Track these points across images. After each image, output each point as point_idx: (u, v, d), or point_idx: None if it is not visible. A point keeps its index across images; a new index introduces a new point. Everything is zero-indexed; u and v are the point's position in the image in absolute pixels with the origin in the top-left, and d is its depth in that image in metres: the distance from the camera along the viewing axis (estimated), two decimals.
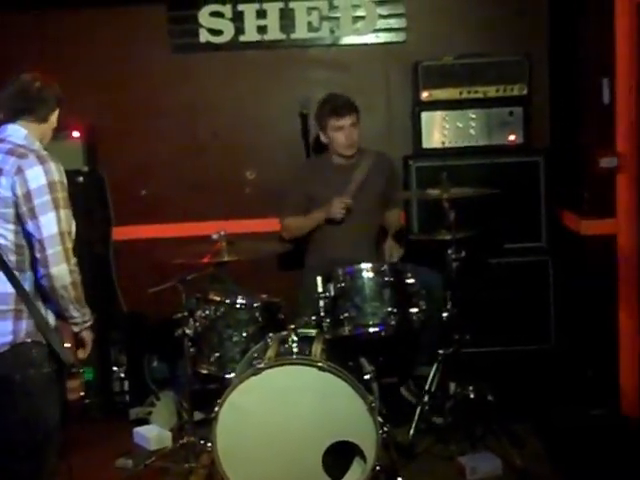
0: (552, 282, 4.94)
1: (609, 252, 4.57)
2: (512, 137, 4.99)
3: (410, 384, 4.55)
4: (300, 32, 5.24)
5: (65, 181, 3.05)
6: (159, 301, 4.24)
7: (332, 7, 5.23)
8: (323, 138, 4.74)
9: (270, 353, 3.68)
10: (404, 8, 5.24)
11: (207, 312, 4.08)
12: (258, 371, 3.56)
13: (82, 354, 3.21)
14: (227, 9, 5.22)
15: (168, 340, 4.22)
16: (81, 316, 3.11)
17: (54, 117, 3.23)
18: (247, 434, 3.59)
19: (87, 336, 3.19)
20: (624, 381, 4.58)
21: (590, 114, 4.60)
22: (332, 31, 5.25)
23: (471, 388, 4.16)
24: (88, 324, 3.17)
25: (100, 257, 5.18)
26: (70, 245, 3.02)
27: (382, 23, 5.25)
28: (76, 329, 3.13)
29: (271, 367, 3.58)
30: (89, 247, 4.88)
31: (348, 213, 4.60)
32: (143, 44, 5.27)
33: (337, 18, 5.24)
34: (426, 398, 4.22)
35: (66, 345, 3.10)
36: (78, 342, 3.17)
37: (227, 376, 3.97)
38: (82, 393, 3.19)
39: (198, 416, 4.37)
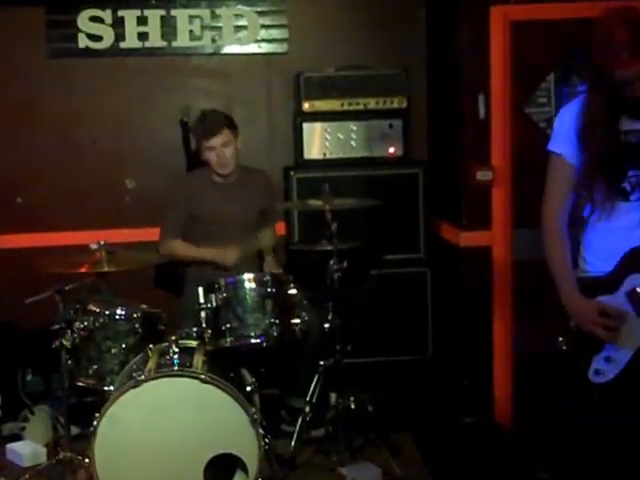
0: (430, 293, 5.03)
1: (484, 264, 4.68)
2: (392, 149, 5.06)
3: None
4: (182, 40, 5.19)
5: None
6: (35, 312, 4.12)
7: (214, 16, 5.20)
8: (202, 156, 4.62)
9: (150, 365, 3.63)
10: (286, 19, 5.26)
11: (85, 323, 3.98)
12: (138, 383, 3.50)
13: None
14: (107, 14, 5.13)
15: (44, 352, 4.10)
16: None
17: None
18: (127, 448, 3.52)
19: None
20: (498, 390, 4.70)
21: (466, 128, 4.70)
22: (214, 40, 5.22)
23: (352, 399, 4.19)
24: None
25: None
26: None
27: (264, 33, 5.26)
28: None
29: (151, 379, 3.53)
30: None
31: (239, 264, 4.52)
32: (20, 48, 5.13)
33: (219, 27, 5.21)
34: (307, 409, 4.23)
35: None
36: None
37: (106, 389, 3.89)
38: None
39: (75, 431, 4.25)
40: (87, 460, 3.66)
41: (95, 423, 3.49)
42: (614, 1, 3.44)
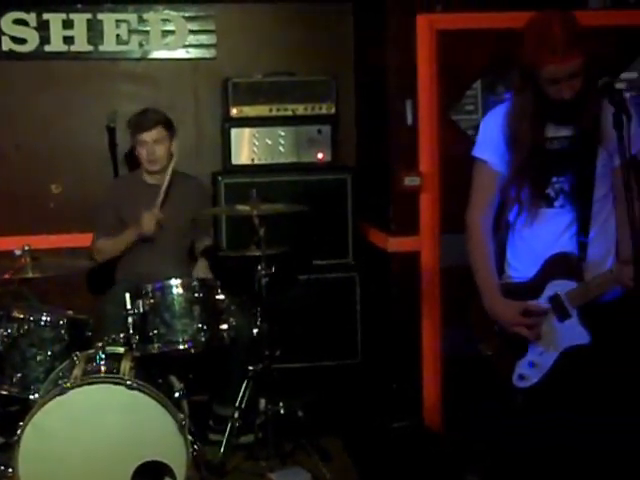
0: (359, 298, 5.05)
1: (413, 269, 4.70)
2: (320, 155, 5.08)
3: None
4: (108, 44, 5.12)
5: None
6: None
7: (141, 21, 5.15)
8: (136, 152, 4.65)
9: (76, 372, 3.58)
10: (214, 25, 5.23)
11: (9, 330, 3.89)
12: (64, 391, 3.45)
13: None
14: (32, 17, 5.03)
15: None
16: None
17: None
18: (52, 457, 3.46)
19: None
20: (427, 394, 4.73)
21: (394, 134, 4.72)
22: (141, 45, 5.17)
23: (281, 404, 4.17)
24: None
25: None
26: None
27: (192, 39, 5.22)
28: None
29: (77, 386, 3.48)
30: None
31: (159, 228, 4.52)
32: None
33: (147, 32, 5.16)
34: (236, 415, 4.21)
35: None
36: None
37: (31, 397, 3.80)
38: None
39: None
40: (10, 470, 3.56)
41: (19, 432, 3.43)
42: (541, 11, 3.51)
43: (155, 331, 3.91)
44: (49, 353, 3.89)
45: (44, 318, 3.92)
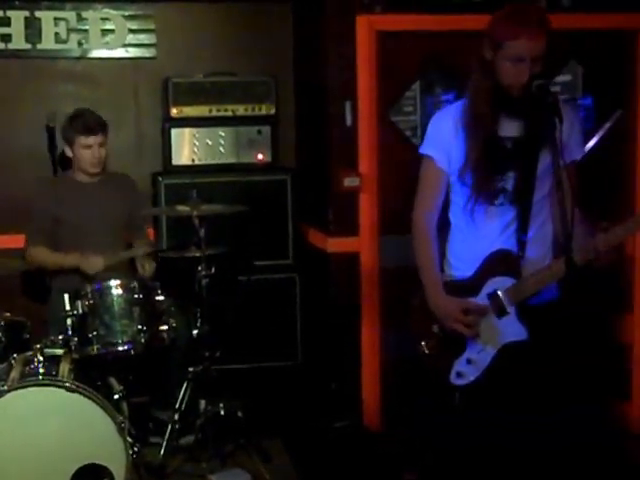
0: (299, 299, 5.06)
1: (353, 270, 4.72)
2: (260, 156, 5.08)
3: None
4: (47, 43, 5.06)
5: None
6: None
7: (80, 19, 5.09)
8: (68, 152, 4.55)
9: (14, 374, 3.54)
10: (154, 24, 5.20)
11: None
12: (1, 394, 3.41)
13: None
14: None
15: None
16: None
17: None
18: None
19: None
20: (366, 394, 4.75)
21: (334, 135, 4.73)
22: (80, 43, 5.11)
23: (221, 405, 4.18)
24: None
25: None
26: None
27: (132, 38, 5.18)
28: None
29: (15, 389, 3.45)
30: None
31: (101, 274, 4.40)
32: None
33: (86, 30, 5.10)
34: (176, 416, 4.19)
35: None
36: None
37: None
38: None
39: None
40: None
41: None
42: (479, 14, 3.56)
43: (94, 332, 3.89)
44: None
45: None
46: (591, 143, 4.82)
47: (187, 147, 5.02)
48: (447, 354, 3.23)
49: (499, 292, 3.14)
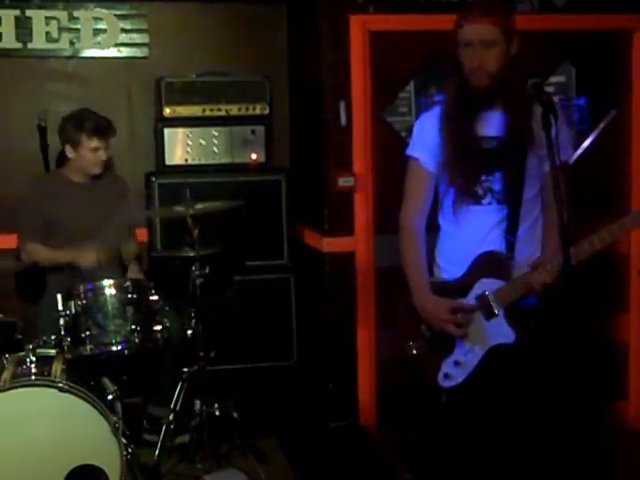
0: (294, 299, 5.04)
1: (348, 269, 4.71)
2: (254, 155, 5.05)
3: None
4: (38, 42, 5.01)
5: None
6: None
7: (72, 18, 5.05)
8: (70, 153, 4.47)
9: (6, 375, 3.51)
10: (146, 24, 5.17)
11: None
12: None
13: None
14: None
15: None
16: None
17: None
18: None
19: None
20: (362, 393, 4.74)
21: (328, 135, 4.73)
22: (72, 43, 5.07)
23: (216, 405, 4.16)
24: None
25: None
26: None
27: (124, 37, 5.15)
28: None
29: (7, 390, 3.41)
30: None
31: (96, 268, 4.35)
32: None
33: (77, 30, 5.06)
34: (171, 416, 4.17)
35: None
36: None
37: None
38: None
39: None
40: None
41: None
42: None
43: (87, 332, 3.86)
44: None
45: None
46: (585, 143, 4.82)
47: (180, 147, 5.00)
48: (435, 355, 3.21)
49: (487, 294, 3.12)
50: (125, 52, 5.18)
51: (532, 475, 3.17)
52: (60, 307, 3.85)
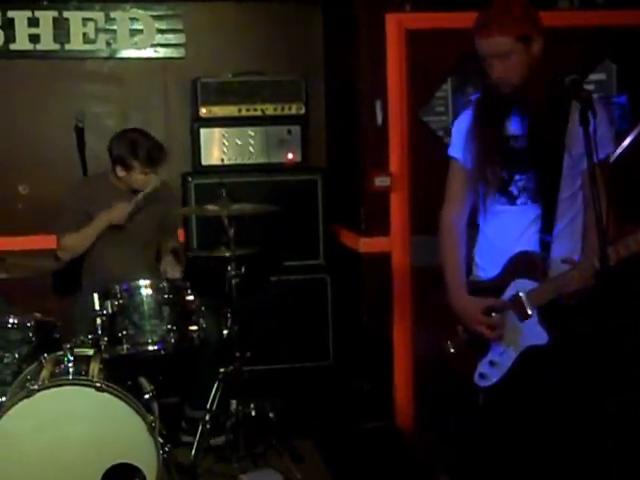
0: (330, 299, 5.03)
1: (384, 269, 4.69)
2: (290, 155, 5.05)
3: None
4: (75, 43, 5.05)
5: None
6: None
7: (109, 19, 5.09)
8: (120, 173, 4.47)
9: (44, 374, 3.51)
10: (182, 24, 5.19)
11: None
12: (31, 393, 3.38)
13: None
14: None
15: None
16: None
17: None
18: (19, 462, 3.38)
19: None
20: (399, 394, 4.72)
21: (364, 135, 4.72)
22: (109, 44, 5.11)
23: (252, 406, 4.16)
24: None
25: None
26: None
27: (160, 38, 5.17)
28: None
29: (45, 389, 3.41)
30: None
31: (130, 221, 4.45)
32: None
33: (114, 30, 5.10)
34: (207, 417, 4.17)
35: None
36: None
37: None
38: None
39: None
40: None
41: None
42: None
43: (124, 332, 3.87)
44: (16, 355, 3.83)
45: (11, 320, 3.86)
46: (626, 142, 4.75)
47: (216, 147, 5.00)
48: (471, 355, 3.19)
49: (521, 294, 3.09)
50: (161, 52, 5.20)
51: (565, 476, 3.13)
52: (97, 307, 3.88)
